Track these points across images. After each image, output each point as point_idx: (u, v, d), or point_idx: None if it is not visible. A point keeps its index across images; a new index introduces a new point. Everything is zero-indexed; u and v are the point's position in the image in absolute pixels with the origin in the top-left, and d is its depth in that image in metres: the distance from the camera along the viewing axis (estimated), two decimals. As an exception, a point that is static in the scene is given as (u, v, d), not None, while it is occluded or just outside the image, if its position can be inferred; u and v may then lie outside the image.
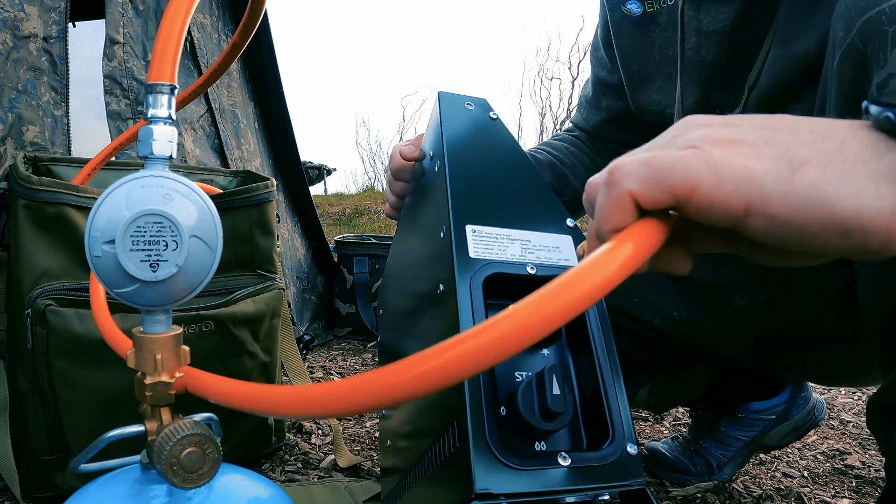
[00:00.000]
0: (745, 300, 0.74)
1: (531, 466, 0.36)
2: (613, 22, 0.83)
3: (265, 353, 0.92)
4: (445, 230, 0.44)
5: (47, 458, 0.78)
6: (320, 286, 1.89)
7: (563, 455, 0.37)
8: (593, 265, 0.24)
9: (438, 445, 0.43)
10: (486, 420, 0.37)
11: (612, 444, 0.38)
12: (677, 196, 0.25)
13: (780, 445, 0.97)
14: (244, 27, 0.53)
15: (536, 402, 0.37)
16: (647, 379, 0.88)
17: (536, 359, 0.42)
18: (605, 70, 0.90)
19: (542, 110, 8.90)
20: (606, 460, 0.37)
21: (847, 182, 0.24)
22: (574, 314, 0.22)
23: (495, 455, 0.36)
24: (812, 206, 0.24)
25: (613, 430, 0.39)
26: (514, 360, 0.41)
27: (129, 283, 0.38)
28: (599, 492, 0.37)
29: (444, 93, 0.51)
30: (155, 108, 0.39)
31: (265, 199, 0.96)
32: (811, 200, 0.24)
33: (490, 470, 0.35)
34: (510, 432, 0.38)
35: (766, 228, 0.25)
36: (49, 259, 0.78)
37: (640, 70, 0.82)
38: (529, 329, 0.22)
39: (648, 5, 0.78)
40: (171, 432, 0.39)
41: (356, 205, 4.97)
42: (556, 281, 0.23)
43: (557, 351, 0.43)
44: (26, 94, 1.06)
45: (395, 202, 0.65)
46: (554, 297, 0.22)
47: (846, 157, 0.24)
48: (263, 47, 1.62)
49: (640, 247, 0.25)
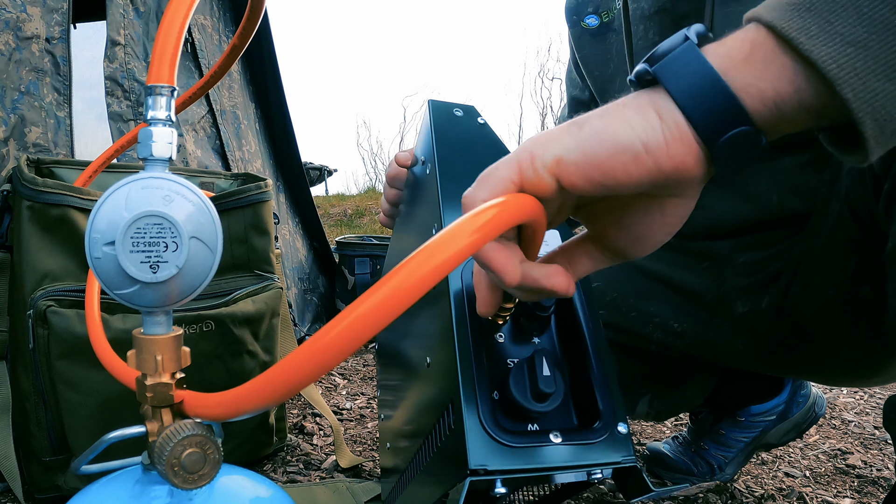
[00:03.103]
0: (747, 307, 0.73)
1: (525, 444, 0.37)
2: (574, 37, 0.88)
3: (265, 352, 0.92)
4: (437, 229, 0.46)
5: (49, 460, 0.78)
6: (322, 287, 1.89)
7: (556, 433, 0.38)
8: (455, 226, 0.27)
9: (434, 435, 0.44)
10: (479, 402, 0.37)
11: (602, 423, 0.39)
12: (512, 179, 0.32)
13: (782, 443, 0.97)
14: (244, 28, 0.54)
15: (528, 384, 0.38)
16: (647, 390, 0.87)
17: (527, 347, 0.43)
18: (577, 89, 0.96)
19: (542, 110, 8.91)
20: (597, 438, 0.38)
21: (620, 119, 0.30)
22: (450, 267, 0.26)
23: (489, 433, 0.36)
24: (602, 143, 0.30)
25: (603, 409, 0.39)
26: (506, 347, 0.42)
27: (130, 284, 0.38)
28: (592, 469, 0.37)
29: (433, 101, 0.54)
30: (154, 109, 0.39)
31: (258, 199, 0.96)
32: (599, 139, 0.30)
33: (484, 448, 0.36)
34: (503, 415, 0.39)
35: (579, 176, 0.30)
36: (52, 260, 0.78)
37: (601, 75, 0.86)
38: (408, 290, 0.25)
39: (604, 15, 0.83)
40: (172, 433, 0.39)
41: (357, 206, 4.98)
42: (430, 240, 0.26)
43: (547, 338, 0.44)
44: (29, 96, 1.06)
45: (389, 209, 0.65)
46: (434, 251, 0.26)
47: (617, 106, 0.31)
48: (264, 48, 1.63)
49: (506, 205, 0.29)
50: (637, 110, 0.30)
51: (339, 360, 0.26)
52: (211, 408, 0.36)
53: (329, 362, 0.26)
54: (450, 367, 0.40)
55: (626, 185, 0.30)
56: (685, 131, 0.30)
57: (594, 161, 0.30)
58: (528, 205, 0.31)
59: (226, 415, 0.35)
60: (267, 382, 0.29)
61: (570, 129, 0.31)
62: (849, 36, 0.27)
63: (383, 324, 0.25)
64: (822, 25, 0.28)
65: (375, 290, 0.26)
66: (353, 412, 1.26)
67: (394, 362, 0.65)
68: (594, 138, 0.30)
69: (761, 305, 0.72)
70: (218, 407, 0.35)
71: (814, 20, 0.28)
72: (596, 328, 0.43)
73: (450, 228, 0.27)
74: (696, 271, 0.78)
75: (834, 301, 0.64)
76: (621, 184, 0.30)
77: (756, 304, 0.73)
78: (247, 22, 0.53)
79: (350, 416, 1.24)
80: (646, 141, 0.30)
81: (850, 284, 0.61)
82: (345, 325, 0.26)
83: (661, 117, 0.30)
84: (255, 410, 0.31)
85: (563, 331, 0.45)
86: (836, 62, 0.27)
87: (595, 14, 0.85)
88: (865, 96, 0.27)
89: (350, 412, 1.26)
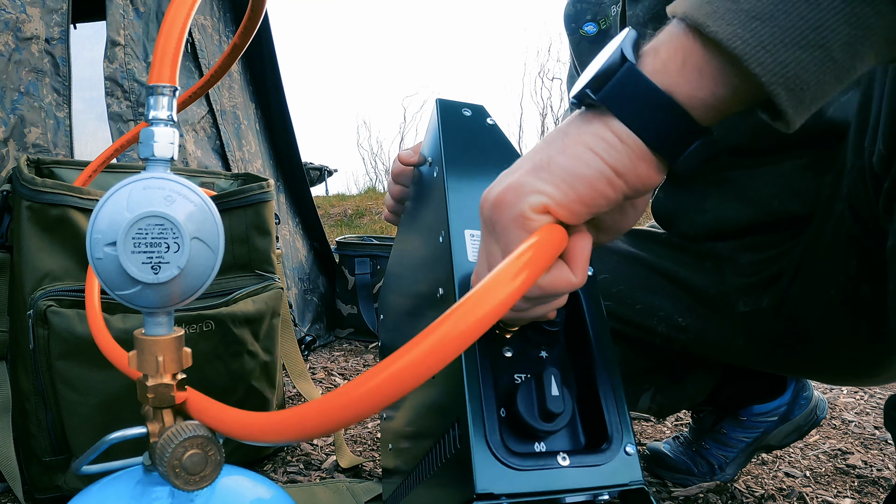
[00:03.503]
0: (749, 306, 0.74)
1: (531, 467, 0.36)
2: (573, 45, 0.90)
3: (265, 352, 0.92)
4: (444, 235, 0.45)
5: (49, 460, 0.78)
6: (322, 287, 1.89)
7: (563, 455, 0.37)
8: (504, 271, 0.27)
9: (439, 447, 0.43)
10: (485, 421, 0.37)
11: (610, 444, 0.38)
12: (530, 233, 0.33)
13: (783, 445, 0.97)
14: (244, 28, 0.54)
15: (536, 403, 0.37)
16: (650, 385, 0.88)
17: (535, 360, 0.42)
18: None
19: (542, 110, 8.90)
20: (605, 460, 0.38)
21: (585, 150, 0.32)
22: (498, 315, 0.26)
23: (496, 456, 0.36)
24: (580, 181, 0.32)
25: (612, 430, 0.39)
26: (513, 361, 0.41)
27: (131, 285, 0.38)
28: (599, 492, 0.37)
29: (441, 100, 0.52)
30: (156, 109, 0.39)
31: (260, 199, 0.96)
32: (575, 179, 0.32)
33: (491, 470, 0.36)
34: (510, 433, 0.38)
35: (567, 214, 0.32)
36: (52, 261, 0.78)
37: None
38: (455, 340, 0.24)
39: (602, 23, 0.85)
40: (173, 434, 0.39)
41: (357, 206, 4.97)
42: (474, 290, 0.26)
43: (556, 352, 0.43)
44: (28, 96, 1.06)
45: (394, 206, 0.65)
46: (477, 303, 0.26)
47: (573, 137, 0.32)
48: (264, 48, 1.62)
49: (545, 243, 0.31)
50: (596, 137, 0.32)
51: (376, 410, 0.25)
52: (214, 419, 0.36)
53: (364, 411, 0.25)
54: (456, 383, 0.39)
55: (605, 206, 0.33)
56: (646, 152, 0.31)
57: (578, 199, 0.32)
58: (561, 237, 0.32)
59: (231, 433, 0.34)
60: (287, 421, 0.28)
61: (537, 173, 0.33)
62: (754, 11, 0.28)
63: (427, 375, 0.24)
64: (728, 6, 0.28)
65: (420, 340, 0.25)
66: (353, 412, 1.26)
67: None
68: (570, 179, 0.32)
69: (762, 305, 0.72)
70: (223, 423, 0.35)
71: (722, 2, 0.28)
72: (605, 345, 0.42)
73: (494, 274, 0.27)
74: (699, 270, 0.78)
75: (835, 301, 0.64)
76: (601, 208, 0.33)
77: (757, 304, 0.73)
78: (248, 21, 0.53)
79: (350, 417, 1.24)
80: (615, 166, 0.31)
81: (851, 284, 0.61)
82: (386, 376, 0.24)
83: (623, 141, 0.31)
84: (265, 442, 0.31)
85: (572, 344, 0.44)
86: (741, 38, 0.27)
87: (593, 22, 0.86)
88: (774, 68, 0.28)
89: (350, 412, 1.26)
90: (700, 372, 0.89)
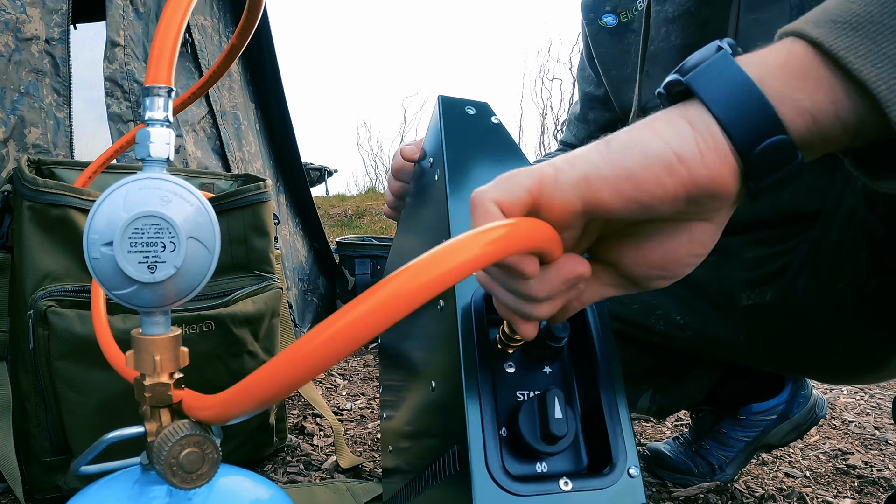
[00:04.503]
0: (752, 300, 0.73)
1: (533, 493, 0.36)
2: (591, 35, 0.89)
3: (265, 352, 0.92)
4: (446, 237, 0.44)
5: (49, 460, 0.78)
6: (322, 287, 1.89)
7: (566, 480, 0.36)
8: (460, 241, 0.26)
9: (440, 463, 0.42)
10: (486, 444, 0.36)
11: (613, 467, 0.38)
12: (529, 190, 0.30)
13: (782, 444, 0.97)
14: (242, 29, 0.54)
15: (538, 425, 0.36)
16: (649, 385, 0.87)
17: (538, 376, 0.41)
18: (591, 85, 0.96)
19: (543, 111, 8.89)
20: (608, 483, 0.37)
21: (650, 130, 0.29)
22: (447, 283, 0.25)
23: (497, 482, 0.35)
24: (632, 154, 0.29)
25: (616, 452, 0.38)
26: (516, 378, 0.41)
27: (128, 284, 0.38)
28: None
29: (444, 97, 0.50)
30: (152, 110, 0.39)
31: (258, 200, 0.96)
32: (628, 151, 0.29)
33: (491, 498, 0.35)
34: (511, 453, 0.37)
35: (610, 193, 0.29)
36: (52, 261, 0.78)
37: (618, 74, 0.86)
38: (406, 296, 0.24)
39: (623, 16, 0.84)
40: (170, 433, 0.39)
41: (357, 206, 4.98)
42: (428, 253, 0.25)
43: (559, 368, 0.42)
44: (28, 97, 1.06)
45: (394, 202, 0.65)
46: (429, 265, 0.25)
47: (646, 121, 0.30)
48: (264, 49, 1.63)
49: (512, 229, 0.27)
50: (667, 121, 0.29)
51: (332, 362, 0.25)
52: (205, 410, 0.36)
53: (319, 365, 0.25)
54: (456, 400, 0.38)
55: (661, 199, 0.29)
56: (719, 140, 0.28)
57: (625, 174, 0.29)
58: (542, 232, 0.29)
59: (218, 418, 0.34)
60: (256, 383, 0.28)
61: (596, 147, 0.30)
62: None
63: (380, 328, 0.25)
64: (870, 46, 0.27)
65: (372, 292, 0.25)
66: (353, 413, 1.26)
67: (397, 364, 0.64)
68: (623, 151, 0.29)
69: (765, 299, 0.72)
70: (211, 409, 0.35)
71: (861, 40, 0.27)
72: (611, 358, 0.41)
73: (453, 241, 0.25)
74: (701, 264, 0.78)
75: (841, 295, 0.64)
76: (655, 197, 0.29)
77: (760, 298, 0.73)
78: (245, 22, 0.53)
79: (350, 417, 1.24)
80: (678, 150, 0.28)
81: (860, 278, 0.61)
82: (340, 326, 0.25)
83: (694, 126, 0.29)
84: (245, 414, 0.31)
85: (575, 360, 0.43)
86: (886, 84, 0.27)
87: (613, 13, 0.85)
88: None
89: (350, 413, 1.26)
90: (699, 371, 0.89)
